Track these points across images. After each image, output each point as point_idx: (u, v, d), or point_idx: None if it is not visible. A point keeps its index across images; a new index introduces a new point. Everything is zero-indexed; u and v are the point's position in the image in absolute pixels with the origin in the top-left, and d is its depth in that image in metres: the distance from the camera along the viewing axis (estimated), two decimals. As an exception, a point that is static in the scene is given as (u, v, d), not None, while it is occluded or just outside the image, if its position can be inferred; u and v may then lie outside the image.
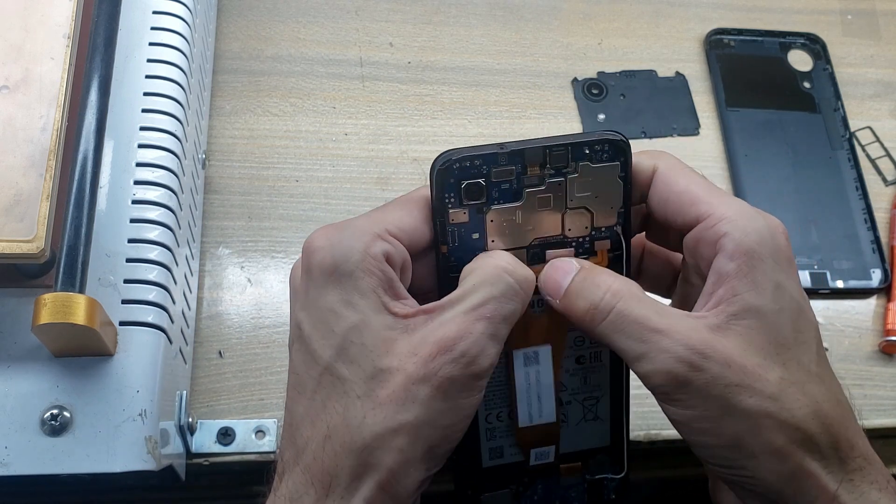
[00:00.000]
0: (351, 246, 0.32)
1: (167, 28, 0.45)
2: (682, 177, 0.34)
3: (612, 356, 0.37)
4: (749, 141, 0.58)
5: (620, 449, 0.39)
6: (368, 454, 0.30)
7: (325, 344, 0.32)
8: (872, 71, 0.63)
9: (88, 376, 0.36)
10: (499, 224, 0.34)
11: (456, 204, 0.33)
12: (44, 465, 0.35)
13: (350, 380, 0.31)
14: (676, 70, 0.61)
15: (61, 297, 0.33)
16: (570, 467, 0.38)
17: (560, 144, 0.33)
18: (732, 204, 0.33)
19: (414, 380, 0.30)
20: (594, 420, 0.38)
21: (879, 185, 0.59)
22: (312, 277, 0.32)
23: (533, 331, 0.35)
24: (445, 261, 0.34)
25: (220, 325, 0.48)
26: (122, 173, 0.41)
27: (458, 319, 0.31)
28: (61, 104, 0.37)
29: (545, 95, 0.59)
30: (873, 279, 0.55)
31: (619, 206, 0.35)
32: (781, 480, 0.31)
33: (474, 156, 0.32)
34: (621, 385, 0.38)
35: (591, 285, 0.33)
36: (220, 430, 0.45)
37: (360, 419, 0.30)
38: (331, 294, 0.32)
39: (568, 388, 0.37)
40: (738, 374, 0.31)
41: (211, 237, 0.51)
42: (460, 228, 0.34)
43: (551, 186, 0.34)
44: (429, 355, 0.30)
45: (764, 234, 0.32)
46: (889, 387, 0.52)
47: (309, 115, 0.55)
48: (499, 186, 0.33)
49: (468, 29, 0.60)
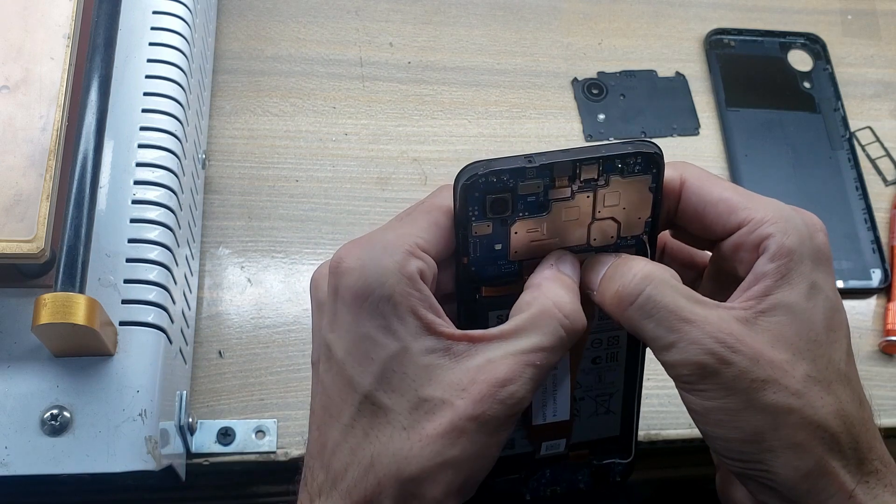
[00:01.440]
0: (385, 267, 0.31)
1: (167, 28, 0.45)
2: (714, 186, 0.34)
3: (628, 356, 0.37)
4: (749, 141, 0.58)
5: (629, 436, 0.39)
6: (416, 486, 0.30)
7: (364, 371, 0.31)
8: (872, 71, 0.63)
9: (88, 376, 0.36)
10: (523, 236, 0.33)
11: (480, 217, 0.32)
12: (44, 465, 0.35)
13: (393, 410, 0.31)
14: (676, 70, 0.61)
15: (61, 297, 0.33)
16: (576, 453, 0.38)
17: (591, 158, 0.32)
18: (770, 206, 0.33)
19: (463, 417, 0.30)
20: (606, 413, 0.38)
21: (879, 185, 0.59)
22: (345, 301, 0.31)
23: None
24: (466, 271, 0.33)
25: (220, 325, 0.48)
26: (122, 173, 0.41)
27: (509, 361, 0.31)
28: (61, 104, 0.37)
29: (545, 95, 0.59)
30: (873, 279, 0.55)
31: (648, 217, 0.34)
32: (799, 477, 0.31)
33: (501, 170, 0.31)
34: (635, 381, 0.38)
35: (624, 269, 0.32)
36: (220, 430, 0.45)
37: (407, 451, 0.30)
38: (367, 321, 0.31)
39: (582, 386, 0.37)
40: (766, 369, 0.31)
41: (211, 237, 0.51)
42: (483, 240, 0.33)
43: (580, 199, 0.32)
44: (479, 394, 0.30)
45: (803, 234, 0.32)
46: (889, 387, 0.52)
47: (309, 115, 0.55)
48: (525, 199, 0.32)
49: (468, 29, 0.60)
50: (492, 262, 0.33)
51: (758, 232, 0.32)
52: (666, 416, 0.49)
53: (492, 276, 0.33)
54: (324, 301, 0.33)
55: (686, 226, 0.35)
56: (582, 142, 0.57)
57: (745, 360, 0.30)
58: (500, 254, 0.33)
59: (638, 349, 0.37)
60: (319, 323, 0.33)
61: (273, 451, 0.45)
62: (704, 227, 0.34)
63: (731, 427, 0.31)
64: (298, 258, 0.51)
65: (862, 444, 0.32)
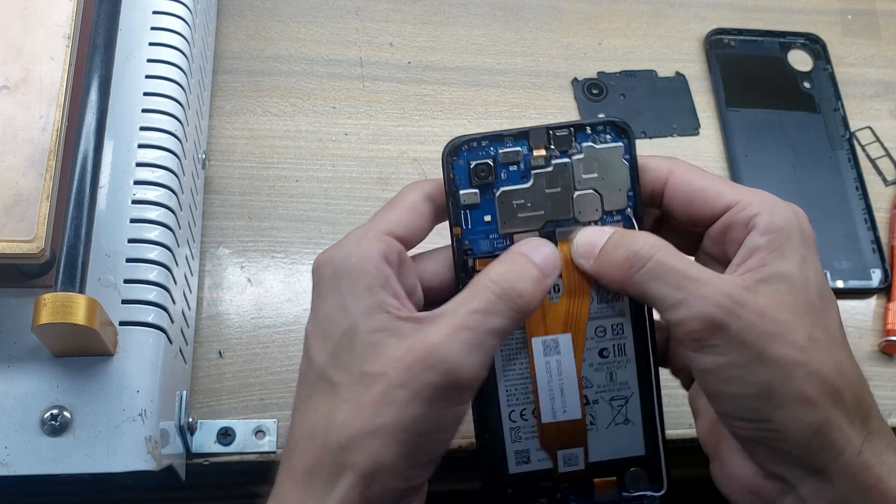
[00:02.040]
0: (347, 251, 0.33)
1: (167, 28, 0.45)
2: (702, 175, 0.36)
3: (638, 349, 0.37)
4: (749, 141, 0.58)
5: (658, 460, 0.37)
6: (344, 454, 0.31)
7: (322, 350, 0.33)
8: (872, 71, 0.63)
9: (88, 376, 0.36)
10: (509, 206, 0.35)
11: (466, 185, 0.35)
12: (44, 465, 0.35)
13: (340, 384, 0.32)
14: (676, 70, 0.61)
15: (61, 297, 0.33)
16: (604, 482, 0.37)
17: (563, 125, 0.35)
18: (757, 192, 0.35)
19: (394, 384, 0.31)
20: (625, 423, 0.37)
21: (879, 185, 0.59)
22: (316, 290, 0.34)
23: (551, 319, 0.36)
24: (460, 244, 0.35)
25: (220, 325, 0.48)
26: (122, 173, 0.41)
27: (442, 328, 0.32)
28: (61, 104, 0.37)
29: (545, 95, 0.59)
30: (873, 279, 0.55)
31: (628, 189, 0.36)
32: (810, 432, 0.32)
33: (481, 136, 0.35)
34: (650, 383, 0.37)
35: (630, 237, 0.34)
36: (220, 430, 0.45)
37: (342, 420, 0.31)
38: (328, 300, 0.33)
39: (593, 385, 0.37)
40: (772, 324, 0.32)
41: (211, 237, 0.51)
42: (472, 210, 0.35)
43: (557, 168, 0.35)
44: (411, 361, 0.31)
45: (790, 216, 0.34)
46: (889, 387, 0.52)
47: (309, 115, 0.55)
48: (507, 168, 0.35)
49: (468, 29, 0.60)
50: (484, 236, 0.36)
51: (746, 211, 0.34)
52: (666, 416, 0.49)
53: (484, 251, 0.36)
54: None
55: (675, 213, 0.36)
56: (582, 142, 0.57)
57: (751, 314, 0.32)
58: (491, 227, 0.35)
59: (647, 340, 0.37)
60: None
61: (273, 451, 0.45)
62: (694, 212, 0.36)
63: (741, 383, 0.32)
64: (298, 258, 0.51)
65: (863, 403, 0.33)
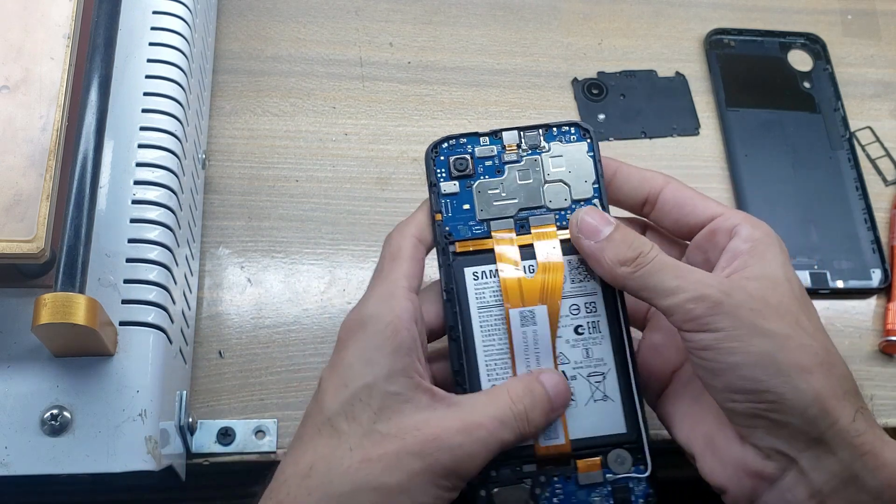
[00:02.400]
0: (378, 309, 0.35)
1: (167, 28, 0.45)
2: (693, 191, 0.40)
3: (612, 327, 0.39)
4: (749, 141, 0.58)
5: (640, 440, 0.38)
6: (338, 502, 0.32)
7: (336, 397, 0.34)
8: (872, 71, 0.63)
9: (88, 376, 0.36)
10: (485, 196, 0.40)
11: (447, 178, 0.40)
12: (44, 465, 0.35)
13: (347, 434, 0.33)
14: (676, 70, 0.61)
15: (61, 297, 0.33)
16: (587, 463, 0.38)
17: (533, 126, 0.41)
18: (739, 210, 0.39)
19: (409, 451, 0.33)
20: (604, 400, 0.38)
21: (879, 185, 0.59)
22: (341, 342, 0.36)
23: (527, 293, 0.38)
24: (440, 229, 0.40)
25: (220, 325, 0.48)
26: (122, 173, 0.41)
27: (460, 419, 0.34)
28: (61, 104, 0.37)
29: (545, 95, 0.59)
30: (873, 279, 0.55)
31: (594, 181, 0.40)
32: (807, 399, 0.33)
33: (460, 135, 0.41)
34: (626, 361, 0.39)
35: (636, 238, 0.37)
36: (220, 430, 0.45)
37: (345, 468, 0.32)
38: (353, 351, 0.35)
39: (570, 361, 0.38)
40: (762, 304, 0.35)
41: (211, 237, 0.51)
42: (452, 199, 0.40)
43: (528, 162, 0.41)
44: (429, 436, 0.33)
45: (768, 231, 0.38)
46: (889, 387, 0.52)
47: (309, 115, 0.55)
48: (483, 163, 0.40)
49: (468, 29, 0.60)
50: (463, 223, 0.40)
51: (730, 220, 0.38)
52: (666, 416, 0.49)
53: (463, 236, 0.40)
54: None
55: (665, 219, 0.40)
56: (582, 142, 0.57)
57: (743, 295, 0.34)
58: (469, 214, 0.40)
59: (619, 317, 0.39)
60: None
61: (273, 451, 0.45)
62: (682, 218, 0.40)
63: (741, 353, 0.34)
64: (298, 258, 0.51)
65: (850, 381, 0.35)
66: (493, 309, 0.39)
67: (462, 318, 0.38)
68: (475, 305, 0.39)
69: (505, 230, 0.39)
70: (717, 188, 0.57)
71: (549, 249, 0.39)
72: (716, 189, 0.57)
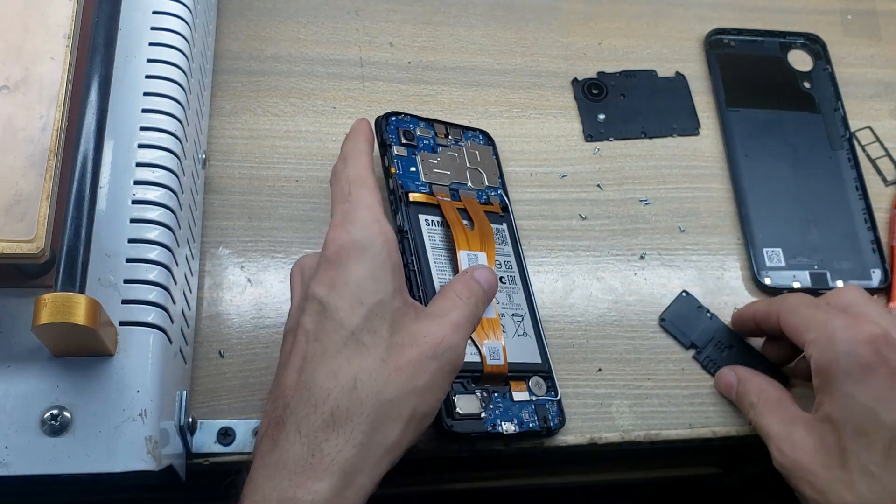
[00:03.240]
0: (371, 232, 0.38)
1: (167, 28, 0.45)
2: (790, 315, 0.45)
3: (522, 281, 0.49)
4: (749, 141, 0.58)
5: (551, 372, 0.48)
6: (391, 407, 0.37)
7: (354, 313, 0.37)
8: (872, 71, 0.63)
9: (88, 376, 0.36)
10: (427, 164, 0.50)
11: (397, 143, 0.50)
12: (44, 465, 0.35)
13: (372, 346, 0.37)
14: (676, 70, 0.61)
15: (61, 297, 0.33)
16: (518, 385, 0.46)
17: (456, 125, 0.53)
18: (821, 326, 0.42)
19: (426, 356, 0.38)
20: (524, 335, 0.48)
21: (879, 185, 0.59)
22: (334, 258, 0.38)
23: (472, 241, 0.47)
24: (395, 181, 0.48)
25: (220, 325, 0.48)
26: (122, 173, 0.41)
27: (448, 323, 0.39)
28: (61, 104, 0.37)
29: (545, 95, 0.59)
30: (873, 279, 0.55)
31: (498, 176, 0.53)
32: None
33: (404, 113, 0.51)
34: (534, 308, 0.49)
35: (749, 385, 0.47)
36: (220, 430, 0.45)
37: (386, 377, 0.37)
38: (358, 270, 0.38)
39: (500, 302, 0.48)
40: (801, 470, 0.41)
41: (211, 237, 0.51)
42: (402, 160, 0.49)
43: (454, 149, 0.52)
44: (436, 341, 0.38)
45: (839, 351, 0.41)
46: (889, 387, 0.52)
47: (309, 115, 0.55)
48: (423, 140, 0.51)
49: (468, 29, 0.60)
50: (411, 180, 0.49)
51: (808, 351, 0.42)
52: (666, 415, 0.49)
53: (412, 189, 0.48)
54: (307, 273, 0.40)
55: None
56: (582, 143, 0.57)
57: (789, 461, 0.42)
58: (416, 175, 0.49)
59: (525, 276, 0.50)
60: (309, 284, 0.39)
61: (273, 451, 0.45)
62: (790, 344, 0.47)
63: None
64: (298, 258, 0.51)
65: None
66: (442, 251, 0.47)
67: (418, 254, 0.46)
68: (429, 246, 0.47)
69: (443, 193, 0.49)
70: (717, 188, 0.57)
71: (480, 215, 0.49)
72: (716, 189, 0.57)
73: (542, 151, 0.57)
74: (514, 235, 0.51)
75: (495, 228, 0.50)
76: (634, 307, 0.52)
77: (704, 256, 0.55)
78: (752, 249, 0.54)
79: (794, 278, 0.54)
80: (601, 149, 0.57)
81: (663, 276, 0.54)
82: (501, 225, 0.51)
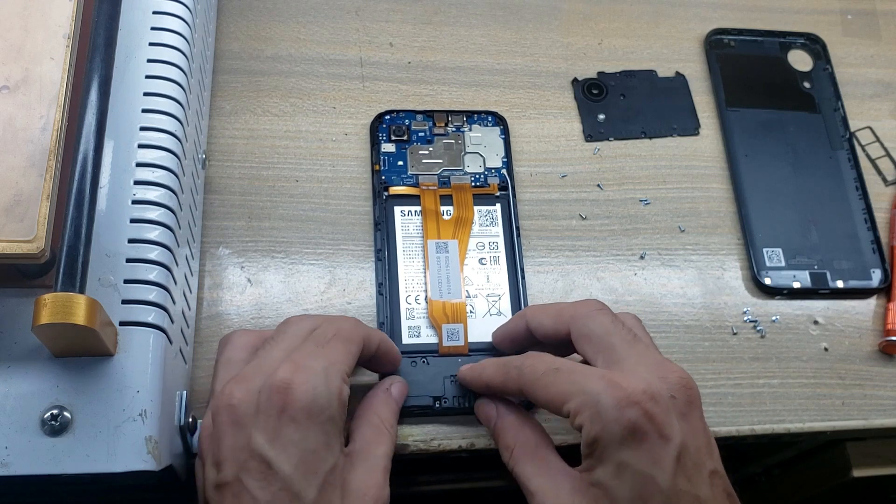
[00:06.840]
0: (330, 392, 0.37)
1: (167, 28, 0.45)
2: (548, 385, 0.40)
3: (508, 262, 0.50)
4: (749, 141, 0.58)
5: None
6: None
7: (310, 484, 0.36)
8: (872, 71, 0.63)
9: (88, 376, 0.36)
10: (417, 157, 0.53)
11: (387, 140, 0.53)
12: (44, 465, 0.35)
13: None
14: (676, 70, 0.61)
15: (61, 297, 0.33)
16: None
17: (459, 111, 0.55)
18: (585, 393, 0.38)
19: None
20: (497, 315, 0.49)
21: (879, 185, 0.59)
22: (294, 419, 0.36)
23: (443, 230, 0.50)
24: (378, 177, 0.52)
25: (220, 325, 0.48)
26: (122, 173, 0.41)
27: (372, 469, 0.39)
28: (61, 104, 0.37)
29: (545, 95, 0.59)
30: (873, 279, 0.55)
31: (503, 156, 0.54)
32: None
33: (399, 110, 0.55)
34: (518, 287, 0.50)
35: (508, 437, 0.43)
36: (220, 430, 0.45)
37: None
38: (314, 437, 0.36)
39: (474, 283, 0.50)
40: None
41: (211, 237, 0.51)
42: (389, 157, 0.53)
43: (453, 136, 0.54)
44: (376, 495, 0.38)
45: (609, 418, 0.37)
46: (889, 387, 0.52)
47: (309, 115, 0.55)
48: (417, 133, 0.53)
49: (468, 29, 0.60)
50: (396, 174, 0.52)
51: (576, 423, 0.38)
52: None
53: (394, 183, 0.51)
54: (252, 421, 0.37)
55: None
56: (582, 143, 0.57)
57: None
58: (402, 169, 0.52)
59: (515, 256, 0.50)
60: (253, 435, 0.36)
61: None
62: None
63: None
64: (298, 258, 0.51)
65: None
66: (414, 238, 0.50)
67: (388, 242, 0.50)
68: (400, 234, 0.50)
69: (430, 183, 0.51)
70: (717, 188, 0.57)
71: (465, 201, 0.51)
72: (716, 189, 0.57)
73: (542, 151, 0.57)
74: (511, 215, 0.52)
75: (485, 210, 0.51)
76: (634, 307, 0.52)
77: (704, 256, 0.55)
78: (752, 249, 0.54)
79: (794, 278, 0.54)
80: (601, 149, 0.57)
81: (663, 277, 0.54)
82: (494, 206, 0.52)
